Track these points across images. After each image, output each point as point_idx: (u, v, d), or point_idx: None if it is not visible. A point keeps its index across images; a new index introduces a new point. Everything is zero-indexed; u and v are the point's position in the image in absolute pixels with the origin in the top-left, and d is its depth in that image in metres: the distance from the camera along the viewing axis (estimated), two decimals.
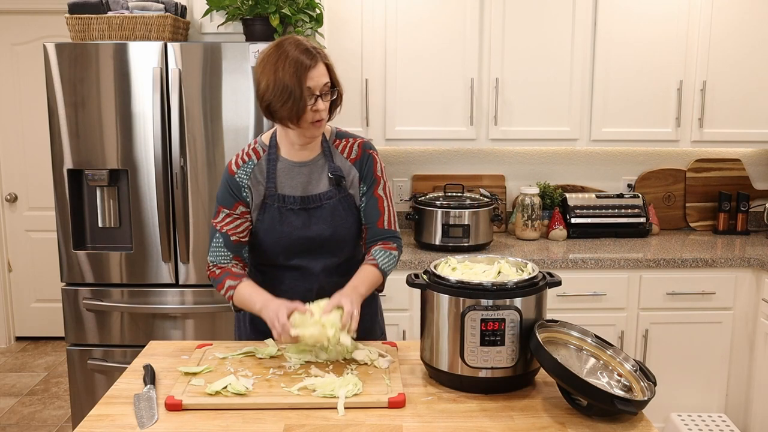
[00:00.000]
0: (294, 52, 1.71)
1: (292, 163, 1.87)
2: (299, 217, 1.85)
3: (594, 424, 1.45)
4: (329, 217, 1.86)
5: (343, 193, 1.88)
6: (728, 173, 3.64)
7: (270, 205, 1.85)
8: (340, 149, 1.90)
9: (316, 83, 1.72)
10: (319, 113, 1.74)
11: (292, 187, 1.86)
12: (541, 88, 3.26)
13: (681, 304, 3.05)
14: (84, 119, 2.75)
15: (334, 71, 1.78)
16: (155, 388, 1.60)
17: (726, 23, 3.23)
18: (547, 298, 1.65)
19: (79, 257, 2.83)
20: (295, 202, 1.85)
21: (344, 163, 1.89)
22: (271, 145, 1.89)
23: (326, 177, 1.87)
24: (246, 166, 1.87)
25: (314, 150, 1.88)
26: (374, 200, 1.91)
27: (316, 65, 1.72)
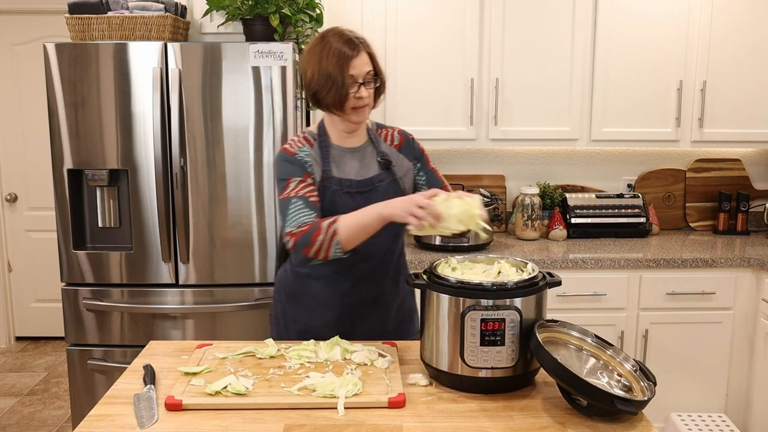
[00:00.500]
0: (337, 42, 1.82)
1: (343, 149, 1.96)
2: (354, 199, 1.90)
3: (594, 424, 1.45)
4: (381, 198, 1.88)
5: (392, 177, 1.97)
6: (728, 173, 3.64)
7: (327, 187, 1.90)
8: (383, 137, 2.02)
9: (359, 71, 1.82)
10: (362, 100, 1.84)
11: (347, 171, 1.94)
12: (541, 88, 3.26)
13: (681, 304, 3.05)
14: (84, 119, 2.75)
15: (377, 60, 1.88)
16: (155, 388, 1.60)
17: (726, 23, 3.23)
18: (547, 298, 1.65)
19: (79, 257, 2.83)
20: (351, 186, 1.91)
21: (389, 149, 2.00)
22: (320, 134, 1.96)
23: (375, 162, 1.97)
24: (303, 149, 1.93)
25: (361, 137, 1.99)
26: (431, 173, 2.05)
27: (359, 54, 1.82)
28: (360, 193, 1.91)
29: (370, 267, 1.96)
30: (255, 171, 2.77)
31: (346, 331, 1.94)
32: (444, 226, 1.64)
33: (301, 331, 2.01)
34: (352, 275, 1.96)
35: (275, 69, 2.70)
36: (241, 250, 2.81)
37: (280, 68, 2.70)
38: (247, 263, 2.82)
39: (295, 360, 1.74)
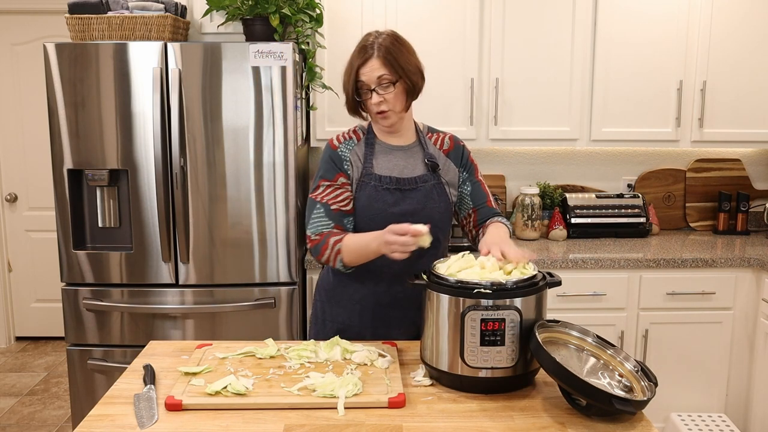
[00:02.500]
0: (355, 51, 1.89)
1: (388, 146, 1.98)
2: (393, 196, 1.91)
3: (594, 424, 1.45)
4: (423, 198, 1.93)
5: (437, 180, 1.97)
6: (728, 173, 3.64)
7: (366, 183, 1.92)
8: (432, 141, 2.02)
9: (369, 77, 1.85)
10: (375, 106, 1.86)
11: (389, 169, 1.94)
12: (541, 88, 3.26)
13: (681, 304, 3.05)
14: (84, 119, 2.75)
15: (399, 63, 1.85)
16: (155, 388, 1.60)
17: (726, 23, 3.23)
18: (547, 298, 1.65)
19: (79, 257, 2.83)
20: (390, 182, 1.92)
21: (437, 152, 2.01)
22: (369, 130, 1.99)
23: (422, 163, 1.97)
24: (348, 143, 1.97)
25: (409, 138, 2.00)
26: (478, 184, 2.05)
27: (368, 61, 1.85)
28: (400, 190, 1.92)
29: (403, 268, 1.91)
30: (255, 171, 2.77)
31: (383, 331, 1.96)
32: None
33: (339, 330, 2.01)
34: (387, 276, 1.95)
35: (275, 69, 2.71)
36: (241, 250, 2.81)
37: (280, 68, 2.70)
38: (247, 263, 2.82)
39: (295, 360, 1.74)
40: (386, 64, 1.85)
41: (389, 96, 1.86)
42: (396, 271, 1.94)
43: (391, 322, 1.98)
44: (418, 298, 1.94)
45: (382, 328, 1.98)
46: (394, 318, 1.99)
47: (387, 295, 1.97)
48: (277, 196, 2.79)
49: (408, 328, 1.98)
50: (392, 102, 1.87)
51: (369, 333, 1.99)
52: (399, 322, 1.99)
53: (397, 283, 1.95)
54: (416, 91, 1.92)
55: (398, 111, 1.90)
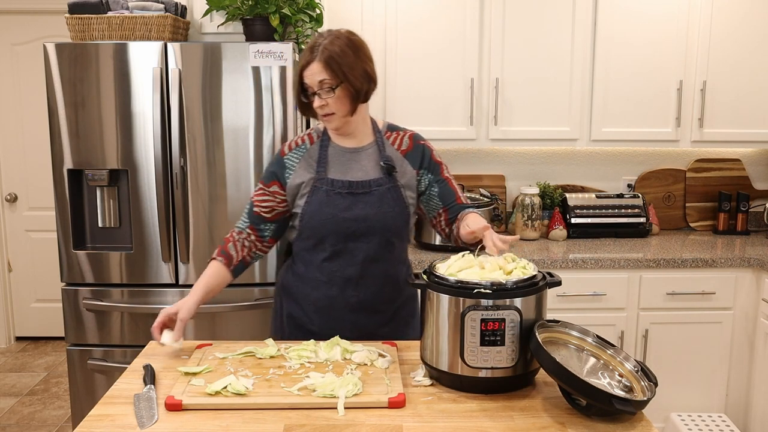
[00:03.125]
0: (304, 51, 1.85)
1: (342, 149, 1.95)
2: (345, 200, 1.90)
3: (594, 424, 1.45)
4: (377, 203, 1.90)
5: (392, 183, 1.93)
6: (728, 173, 3.64)
7: (318, 188, 1.90)
8: (391, 141, 1.98)
9: (311, 81, 1.82)
10: (321, 108, 1.84)
11: (342, 172, 1.92)
12: (541, 88, 3.26)
13: (681, 304, 3.05)
14: (84, 119, 2.75)
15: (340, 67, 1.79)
16: (155, 388, 1.60)
17: (726, 23, 3.23)
18: (547, 298, 1.65)
19: (79, 257, 2.83)
20: (342, 186, 1.90)
21: (395, 153, 1.97)
22: (324, 132, 1.97)
23: (377, 165, 1.93)
24: (298, 150, 1.96)
25: (364, 139, 1.96)
26: (445, 182, 2.01)
27: (309, 64, 1.81)
28: (353, 194, 1.89)
29: (356, 273, 1.93)
30: (255, 171, 2.77)
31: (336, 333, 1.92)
32: None
33: (294, 326, 2.03)
34: (338, 280, 1.95)
35: (275, 69, 2.70)
36: None
37: (279, 68, 2.70)
38: None
39: (295, 360, 1.74)
40: (327, 69, 1.79)
41: (331, 100, 1.82)
42: (349, 276, 1.94)
43: (344, 326, 1.94)
44: (372, 303, 1.96)
45: (336, 330, 1.93)
46: (346, 321, 1.95)
47: (340, 299, 1.96)
48: None
49: (360, 333, 1.93)
50: (334, 106, 1.83)
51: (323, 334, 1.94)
52: (351, 326, 1.95)
53: (350, 287, 1.94)
54: (362, 95, 1.85)
55: (342, 115, 1.86)
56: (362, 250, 1.91)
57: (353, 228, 1.89)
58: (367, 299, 1.96)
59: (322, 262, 1.94)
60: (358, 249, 1.91)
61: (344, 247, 1.91)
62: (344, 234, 1.90)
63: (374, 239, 1.91)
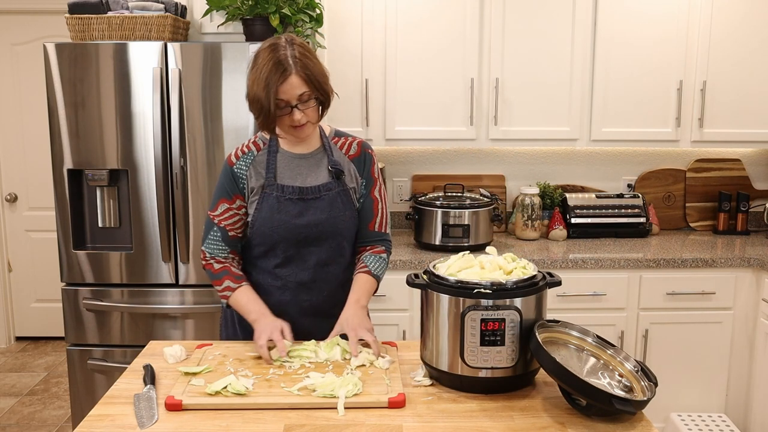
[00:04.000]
0: (267, 65, 1.74)
1: (291, 155, 1.92)
2: (297, 206, 1.89)
3: (594, 424, 1.45)
4: (327, 207, 1.90)
5: (342, 187, 1.93)
6: (728, 173, 3.64)
7: (269, 194, 1.89)
8: (339, 145, 1.97)
9: (290, 95, 1.77)
10: (296, 121, 1.80)
11: (291, 178, 1.90)
12: (541, 88, 3.26)
13: (681, 304, 3.05)
14: (84, 119, 2.75)
15: (315, 78, 1.77)
16: (155, 388, 1.60)
17: (726, 23, 3.23)
18: (547, 298, 1.65)
19: (79, 257, 2.83)
20: (293, 192, 1.88)
21: (343, 158, 1.95)
22: (271, 138, 1.93)
23: (326, 170, 1.92)
24: (245, 158, 1.92)
25: (313, 144, 1.94)
26: (370, 201, 1.99)
27: (287, 78, 1.74)
28: (303, 200, 1.89)
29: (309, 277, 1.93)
30: None
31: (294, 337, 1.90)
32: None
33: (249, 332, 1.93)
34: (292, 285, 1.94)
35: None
36: None
37: None
38: None
39: (296, 360, 1.73)
40: (306, 81, 1.76)
41: (310, 111, 1.81)
42: (301, 280, 1.93)
43: (299, 330, 1.90)
44: (327, 306, 1.95)
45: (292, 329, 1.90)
46: (300, 326, 1.91)
47: (293, 304, 1.94)
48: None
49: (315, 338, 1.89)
50: (310, 115, 1.82)
51: None
52: (306, 330, 1.91)
53: (303, 292, 1.94)
54: (330, 101, 1.85)
55: (314, 123, 1.86)
56: (314, 254, 1.91)
57: (305, 233, 1.89)
58: (319, 303, 1.96)
59: (275, 268, 1.93)
60: (310, 254, 1.91)
61: (296, 253, 1.91)
62: (296, 240, 1.89)
63: (325, 244, 1.92)
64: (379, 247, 2.01)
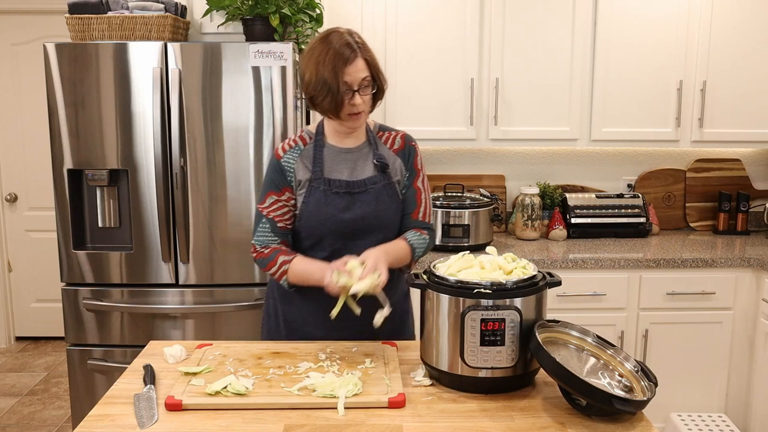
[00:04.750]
0: (334, 47, 1.79)
1: (338, 149, 1.94)
2: (343, 199, 1.90)
3: (594, 424, 1.45)
4: (373, 201, 1.91)
5: (387, 180, 1.94)
6: (728, 173, 3.64)
7: (316, 188, 1.90)
8: (383, 140, 1.99)
9: (354, 78, 1.79)
10: (356, 107, 1.82)
11: (338, 172, 1.92)
12: (541, 88, 3.26)
13: (681, 304, 3.05)
14: (84, 119, 2.75)
15: (376, 65, 1.85)
16: (155, 388, 1.60)
17: (726, 23, 3.23)
18: (547, 298, 1.65)
19: (79, 257, 2.83)
20: (340, 186, 1.90)
21: (387, 152, 1.98)
22: (317, 133, 1.96)
23: (371, 164, 1.95)
24: (293, 151, 1.94)
25: (359, 138, 1.96)
26: (413, 191, 2.00)
27: (354, 60, 1.79)
28: (350, 194, 1.90)
29: None
30: (255, 171, 2.77)
31: (335, 334, 1.93)
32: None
33: (292, 329, 2.01)
34: None
35: (275, 69, 2.70)
36: (241, 250, 2.81)
37: (280, 68, 2.70)
38: (247, 263, 2.82)
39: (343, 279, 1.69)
40: (368, 66, 1.82)
41: (367, 98, 1.84)
42: None
43: (343, 326, 1.91)
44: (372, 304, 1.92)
45: (334, 331, 1.92)
46: (346, 323, 1.90)
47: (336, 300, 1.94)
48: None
49: (361, 334, 1.92)
50: (368, 103, 1.85)
51: (320, 335, 1.95)
52: (351, 328, 1.92)
53: None
54: (384, 92, 1.90)
55: (368, 112, 1.89)
56: (361, 248, 1.90)
57: (351, 227, 1.90)
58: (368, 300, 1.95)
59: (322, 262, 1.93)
60: (356, 247, 1.90)
61: (343, 246, 1.91)
62: (342, 233, 1.90)
63: (372, 237, 1.92)
64: (424, 231, 2.00)
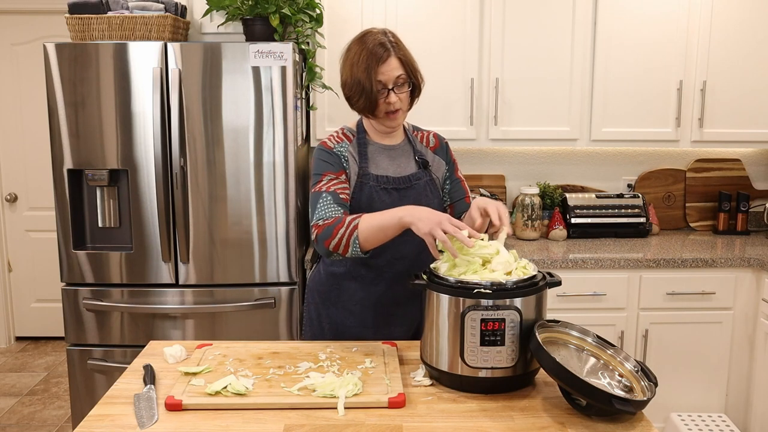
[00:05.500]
0: (368, 47, 1.82)
1: (381, 146, 1.98)
2: (391, 196, 1.92)
3: (593, 424, 1.45)
4: (419, 196, 1.94)
5: (429, 176, 1.99)
6: (728, 173, 3.64)
7: (365, 183, 1.92)
8: (419, 138, 2.04)
9: (388, 77, 1.83)
10: (391, 105, 1.85)
11: (384, 168, 1.95)
12: (541, 87, 3.26)
13: (681, 304, 3.05)
14: (84, 119, 2.75)
15: (411, 63, 1.88)
16: (155, 388, 1.60)
17: (726, 23, 3.23)
18: (547, 298, 1.65)
19: (79, 257, 2.83)
20: (388, 182, 1.93)
21: (425, 150, 2.03)
22: (359, 131, 1.98)
23: (413, 161, 1.99)
24: (340, 145, 1.94)
25: (399, 137, 2.01)
26: (457, 181, 2.07)
27: (387, 59, 1.83)
28: (397, 189, 1.93)
29: (405, 267, 1.95)
30: (255, 171, 2.77)
31: (384, 330, 1.96)
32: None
33: (338, 332, 2.01)
34: (387, 275, 1.96)
35: (275, 69, 2.71)
36: (241, 250, 2.81)
37: (280, 68, 2.70)
38: (247, 263, 2.82)
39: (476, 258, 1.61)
40: (403, 64, 1.86)
41: (403, 96, 1.87)
42: (397, 271, 1.95)
43: (393, 321, 1.98)
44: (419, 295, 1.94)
45: (384, 327, 1.98)
46: (395, 316, 1.99)
47: (387, 295, 1.97)
48: (277, 196, 2.79)
49: (410, 326, 2.00)
50: (404, 102, 1.88)
51: (370, 333, 1.99)
52: (401, 320, 1.99)
53: (397, 282, 1.95)
54: (421, 89, 1.93)
55: (405, 110, 1.92)
56: (408, 244, 1.92)
57: None
58: (413, 293, 1.98)
59: (369, 258, 1.92)
60: (404, 243, 1.91)
61: (391, 242, 1.87)
62: None
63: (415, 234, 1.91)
64: None
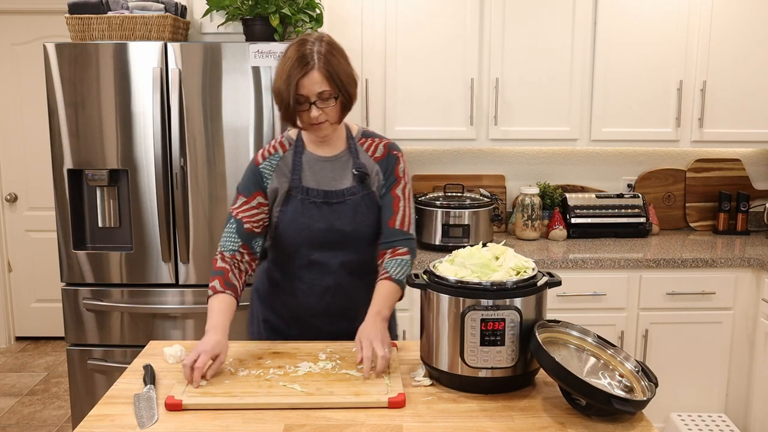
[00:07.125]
0: (292, 59, 1.75)
1: (317, 157, 1.91)
2: (321, 210, 1.87)
3: (593, 424, 1.45)
4: (351, 213, 1.88)
5: (366, 190, 1.90)
6: (728, 173, 3.63)
7: (294, 197, 1.88)
8: (365, 147, 1.94)
9: (309, 91, 1.76)
10: (314, 118, 1.78)
11: (316, 181, 1.89)
12: (541, 87, 3.26)
13: (681, 304, 3.05)
14: (84, 119, 2.75)
15: (338, 77, 1.77)
16: (155, 388, 1.60)
17: (726, 23, 3.23)
18: (547, 298, 1.65)
19: (79, 257, 2.83)
20: (318, 196, 1.87)
21: (368, 160, 1.92)
22: (297, 139, 1.93)
23: (350, 173, 1.90)
24: (272, 158, 1.91)
25: (339, 146, 1.92)
26: (389, 198, 1.92)
27: (309, 73, 1.74)
28: (328, 204, 1.87)
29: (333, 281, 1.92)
30: None
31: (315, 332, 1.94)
32: None
33: (270, 330, 2.01)
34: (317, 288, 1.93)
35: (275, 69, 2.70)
36: None
37: None
38: None
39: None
40: (327, 79, 1.75)
41: (328, 109, 1.79)
42: (326, 284, 1.92)
43: (320, 334, 1.93)
44: (350, 310, 1.93)
45: (310, 337, 1.93)
46: (322, 330, 1.94)
47: (317, 307, 1.95)
48: None
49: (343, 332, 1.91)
50: (330, 114, 1.80)
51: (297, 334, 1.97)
52: (327, 335, 1.93)
53: (328, 296, 1.93)
54: (352, 103, 1.84)
55: (333, 123, 1.83)
56: (338, 258, 1.90)
57: (329, 238, 1.88)
58: (345, 307, 1.95)
59: (299, 271, 1.92)
60: (334, 257, 1.90)
61: (320, 256, 1.90)
62: (320, 243, 1.89)
63: (350, 248, 1.90)
64: (402, 249, 1.90)
